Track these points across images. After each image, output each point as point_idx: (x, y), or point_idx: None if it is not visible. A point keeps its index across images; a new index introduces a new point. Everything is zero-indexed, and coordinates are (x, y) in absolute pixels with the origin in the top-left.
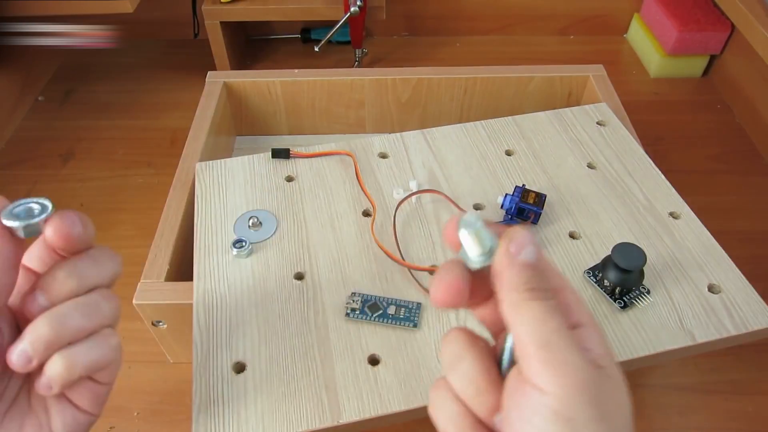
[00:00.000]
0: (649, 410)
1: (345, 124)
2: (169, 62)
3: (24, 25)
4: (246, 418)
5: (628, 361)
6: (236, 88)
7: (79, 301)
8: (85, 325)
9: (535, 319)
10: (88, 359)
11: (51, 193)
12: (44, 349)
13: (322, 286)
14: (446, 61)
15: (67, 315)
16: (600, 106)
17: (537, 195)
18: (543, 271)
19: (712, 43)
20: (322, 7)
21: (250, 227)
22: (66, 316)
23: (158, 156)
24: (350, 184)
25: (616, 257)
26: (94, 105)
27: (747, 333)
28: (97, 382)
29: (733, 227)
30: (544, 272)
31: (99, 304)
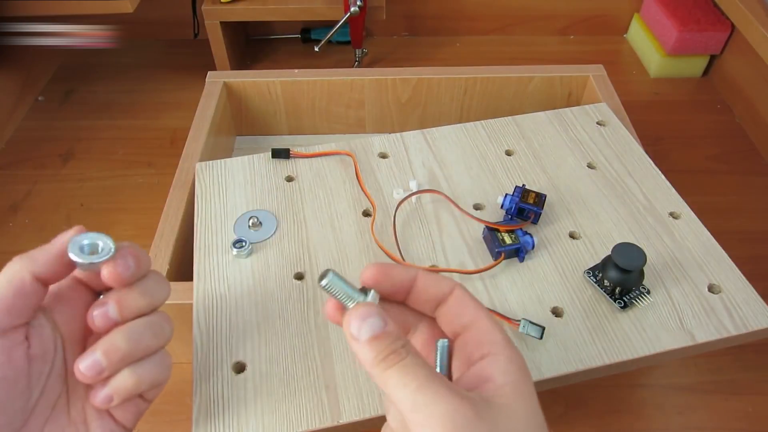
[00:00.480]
0: (649, 410)
1: (345, 124)
2: (169, 62)
3: (24, 25)
4: (246, 418)
5: (628, 361)
6: (236, 88)
7: (149, 320)
8: (153, 343)
9: (397, 386)
10: (152, 376)
11: (51, 193)
12: (118, 362)
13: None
14: (446, 61)
15: (142, 332)
16: (600, 106)
17: (537, 195)
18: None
19: (712, 43)
20: (322, 7)
21: (250, 227)
22: (141, 334)
23: (158, 156)
24: (350, 184)
25: (616, 257)
26: (94, 105)
27: (747, 333)
28: (144, 400)
29: (733, 227)
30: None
31: (163, 324)
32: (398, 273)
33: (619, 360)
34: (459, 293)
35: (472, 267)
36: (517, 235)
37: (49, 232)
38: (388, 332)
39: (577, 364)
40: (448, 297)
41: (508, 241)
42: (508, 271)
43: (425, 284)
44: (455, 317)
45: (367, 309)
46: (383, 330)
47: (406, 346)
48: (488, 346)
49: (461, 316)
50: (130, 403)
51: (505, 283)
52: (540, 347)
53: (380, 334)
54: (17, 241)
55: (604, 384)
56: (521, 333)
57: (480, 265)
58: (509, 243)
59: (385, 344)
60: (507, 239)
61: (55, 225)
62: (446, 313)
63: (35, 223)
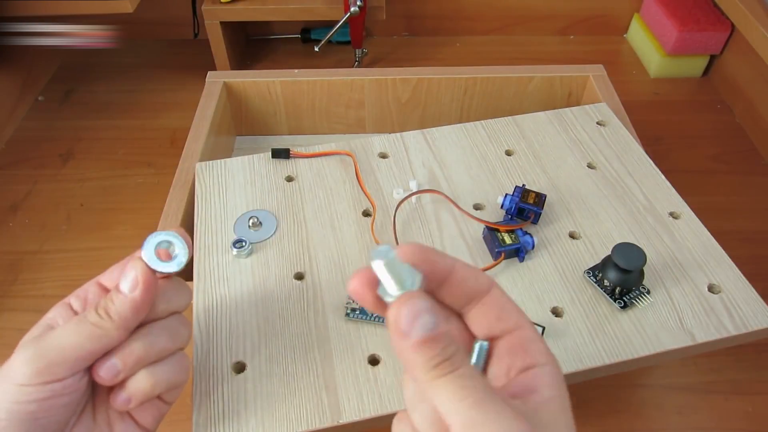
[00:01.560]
0: (649, 410)
1: (345, 124)
2: (169, 62)
3: (24, 25)
4: (246, 418)
5: (628, 361)
6: (236, 88)
7: (164, 324)
8: (168, 346)
9: (451, 399)
10: (168, 378)
11: (51, 192)
12: (133, 365)
13: (322, 286)
14: (446, 61)
15: (156, 335)
16: (600, 106)
17: (537, 195)
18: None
19: (712, 43)
20: (322, 7)
21: (250, 227)
22: (155, 336)
23: (158, 156)
24: (350, 184)
25: (616, 257)
26: (94, 105)
27: (747, 333)
28: (163, 401)
29: (733, 227)
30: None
31: (179, 327)
32: (439, 259)
33: (619, 360)
34: (498, 293)
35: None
36: (517, 235)
37: (49, 232)
38: (444, 334)
39: (577, 364)
40: (484, 295)
41: (508, 241)
42: (508, 271)
43: (464, 276)
44: (495, 319)
45: (420, 303)
46: (437, 331)
47: (460, 352)
48: (535, 355)
49: (502, 320)
50: (150, 405)
51: (505, 283)
52: None
53: (435, 336)
54: (17, 241)
55: (604, 384)
56: None
57: (480, 265)
58: (509, 243)
59: (440, 349)
60: (507, 239)
61: (55, 225)
62: (483, 313)
63: (35, 222)
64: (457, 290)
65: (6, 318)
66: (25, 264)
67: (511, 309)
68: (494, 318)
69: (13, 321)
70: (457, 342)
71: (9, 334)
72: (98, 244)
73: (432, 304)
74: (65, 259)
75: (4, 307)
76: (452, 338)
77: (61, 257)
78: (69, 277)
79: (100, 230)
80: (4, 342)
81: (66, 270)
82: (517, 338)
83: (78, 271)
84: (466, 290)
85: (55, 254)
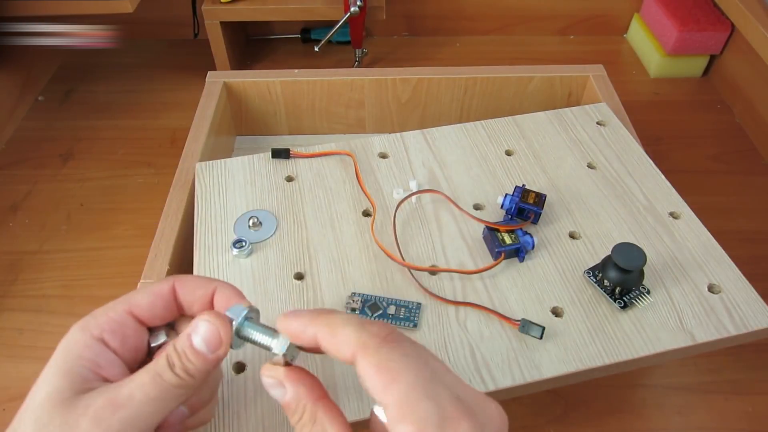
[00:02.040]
0: (649, 410)
1: (345, 124)
2: (169, 62)
3: (24, 25)
4: (246, 418)
5: (628, 361)
6: (236, 88)
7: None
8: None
9: None
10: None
11: (51, 192)
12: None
13: (322, 286)
14: (446, 61)
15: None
16: (600, 106)
17: (537, 195)
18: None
19: (712, 43)
20: (322, 7)
21: (250, 227)
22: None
23: (158, 156)
24: (350, 184)
25: (616, 257)
26: (94, 105)
27: (747, 333)
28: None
29: (733, 227)
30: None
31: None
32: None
33: (619, 360)
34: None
35: (472, 267)
36: (517, 235)
37: (49, 232)
38: (287, 404)
39: (577, 364)
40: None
41: (508, 241)
42: (508, 271)
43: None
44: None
45: (266, 378)
46: (283, 400)
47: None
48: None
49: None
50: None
51: (505, 283)
52: (540, 347)
53: (283, 405)
54: (17, 241)
55: (604, 384)
56: (521, 333)
57: (480, 265)
58: (509, 243)
59: (290, 413)
60: (507, 239)
61: (55, 225)
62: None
63: (35, 222)
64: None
65: (6, 318)
66: (25, 264)
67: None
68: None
69: (13, 321)
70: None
71: (9, 334)
72: (98, 244)
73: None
74: (65, 259)
75: (4, 307)
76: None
77: (61, 257)
78: (69, 277)
79: (100, 230)
80: (5, 342)
81: (66, 270)
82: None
83: (78, 271)
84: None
85: (55, 254)
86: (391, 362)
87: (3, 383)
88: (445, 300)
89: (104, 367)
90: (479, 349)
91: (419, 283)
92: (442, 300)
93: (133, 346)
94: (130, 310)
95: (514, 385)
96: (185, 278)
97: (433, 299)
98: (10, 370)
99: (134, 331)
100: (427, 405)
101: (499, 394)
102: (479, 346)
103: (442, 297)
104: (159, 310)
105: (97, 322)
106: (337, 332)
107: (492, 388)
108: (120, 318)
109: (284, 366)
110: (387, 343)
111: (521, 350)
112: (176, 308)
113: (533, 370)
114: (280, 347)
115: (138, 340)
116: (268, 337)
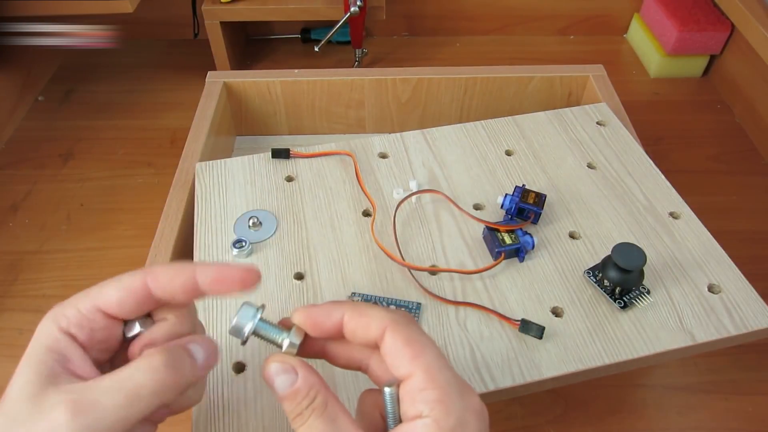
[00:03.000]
0: (649, 410)
1: (345, 124)
2: (169, 62)
3: (24, 25)
4: (246, 418)
5: (628, 361)
6: (236, 88)
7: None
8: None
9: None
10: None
11: (51, 192)
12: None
13: (322, 286)
14: (446, 61)
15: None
16: (600, 106)
17: (537, 195)
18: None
19: (712, 43)
20: (322, 7)
21: (250, 227)
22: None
23: (158, 156)
24: (350, 184)
25: (616, 257)
26: (94, 105)
27: (747, 333)
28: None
29: (733, 227)
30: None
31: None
32: (324, 320)
33: (619, 360)
34: (389, 341)
35: (472, 267)
36: (517, 235)
37: (49, 232)
38: (297, 390)
39: (577, 364)
40: (380, 343)
41: (508, 241)
42: (508, 271)
43: (352, 329)
44: (389, 369)
45: (277, 364)
46: (292, 388)
47: (321, 400)
48: (420, 406)
49: (395, 368)
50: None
51: (505, 283)
52: (540, 347)
53: (289, 393)
54: (17, 241)
55: (604, 384)
56: (521, 333)
57: (480, 265)
58: (509, 243)
59: (295, 403)
60: (507, 239)
61: (55, 225)
62: (380, 361)
63: (35, 222)
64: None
65: (6, 318)
66: (25, 264)
67: (402, 355)
68: (389, 366)
69: (13, 321)
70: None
71: (9, 334)
72: (98, 244)
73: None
74: (65, 259)
75: (4, 307)
76: (309, 390)
77: (61, 257)
78: (69, 277)
79: (100, 230)
80: (5, 342)
81: (66, 270)
82: (409, 387)
83: (78, 271)
84: (360, 341)
85: (55, 254)
86: (419, 337)
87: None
88: (445, 300)
89: (72, 361)
90: (479, 349)
91: (419, 283)
92: (442, 300)
93: (101, 340)
94: (99, 306)
95: (514, 385)
96: (157, 271)
97: (433, 299)
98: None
99: (103, 325)
100: (448, 374)
101: (499, 394)
102: (479, 346)
103: (442, 297)
104: (130, 306)
105: (65, 314)
106: (366, 312)
107: (492, 388)
108: (88, 313)
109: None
110: (413, 323)
111: (521, 350)
112: (152, 302)
113: (533, 370)
114: (295, 338)
115: (107, 333)
116: (280, 332)
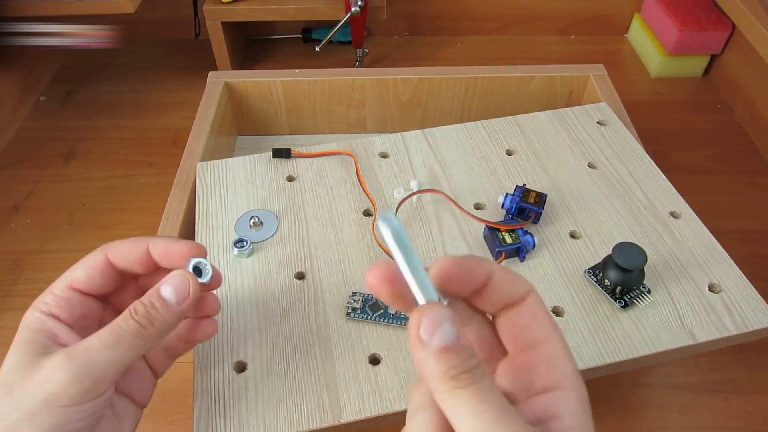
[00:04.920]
0: (649, 409)
1: (346, 123)
2: (170, 62)
3: (25, 26)
4: (247, 417)
5: (628, 360)
6: (237, 88)
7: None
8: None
9: (469, 412)
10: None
11: (53, 193)
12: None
13: (323, 286)
14: (447, 61)
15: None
16: (600, 105)
17: (538, 194)
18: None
19: (713, 42)
20: (323, 7)
21: (251, 227)
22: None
23: (159, 156)
24: (351, 184)
25: (617, 257)
26: (96, 105)
27: (747, 332)
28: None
29: (733, 227)
30: (468, 349)
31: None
32: (477, 268)
33: (620, 359)
34: (533, 302)
35: None
36: (517, 235)
37: (51, 232)
38: (464, 346)
39: (577, 363)
40: (520, 302)
41: (508, 241)
42: None
43: (500, 282)
44: (523, 330)
45: (441, 312)
46: (457, 342)
47: (481, 366)
48: (559, 376)
49: (532, 331)
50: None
51: None
52: None
53: (454, 347)
54: (19, 241)
55: (604, 384)
56: None
57: None
58: (510, 242)
59: (459, 360)
60: (508, 239)
61: (56, 225)
62: (514, 320)
63: (37, 222)
64: (492, 297)
65: (8, 318)
66: (27, 264)
67: (543, 319)
68: (523, 328)
69: (15, 321)
70: (477, 356)
71: (11, 334)
72: (100, 244)
73: (453, 316)
74: (67, 259)
75: (7, 306)
76: (473, 352)
77: (63, 257)
78: None
79: (101, 230)
80: (6, 342)
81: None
82: (544, 353)
83: None
84: (501, 296)
85: (57, 254)
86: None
87: None
88: None
89: (60, 336)
90: None
91: None
92: None
93: (82, 315)
94: (71, 285)
95: None
96: (116, 245)
97: None
98: None
99: (80, 302)
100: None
101: None
102: None
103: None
104: (98, 281)
105: (44, 300)
106: (510, 270)
107: None
108: (63, 294)
109: None
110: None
111: None
112: (116, 274)
113: None
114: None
115: (86, 309)
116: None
